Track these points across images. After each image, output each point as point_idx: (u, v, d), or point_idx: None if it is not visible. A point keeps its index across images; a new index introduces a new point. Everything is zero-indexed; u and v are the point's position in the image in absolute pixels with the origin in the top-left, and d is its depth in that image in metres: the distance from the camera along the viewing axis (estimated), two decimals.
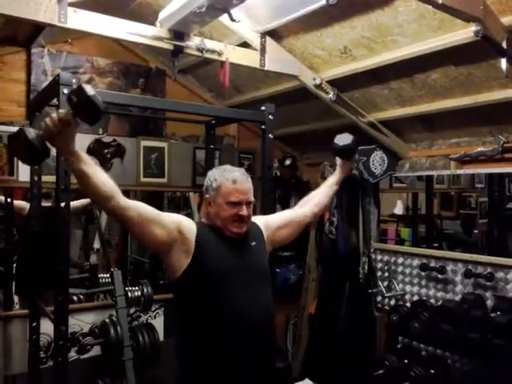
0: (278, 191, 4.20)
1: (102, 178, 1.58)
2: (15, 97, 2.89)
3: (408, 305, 3.01)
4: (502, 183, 3.64)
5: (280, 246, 2.17)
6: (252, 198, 1.82)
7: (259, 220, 2.00)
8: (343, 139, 2.43)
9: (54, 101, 2.06)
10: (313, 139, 3.82)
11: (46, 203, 2.93)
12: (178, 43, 2.24)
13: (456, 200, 4.97)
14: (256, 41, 2.56)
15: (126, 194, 4.27)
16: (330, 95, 2.83)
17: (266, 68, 2.59)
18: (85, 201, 3.60)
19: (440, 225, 4.73)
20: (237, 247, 1.80)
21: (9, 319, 2.84)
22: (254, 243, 1.86)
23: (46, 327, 2.59)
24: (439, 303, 2.84)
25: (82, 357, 3.00)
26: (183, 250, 1.71)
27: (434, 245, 3.76)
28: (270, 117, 2.42)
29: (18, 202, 3.29)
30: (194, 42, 2.30)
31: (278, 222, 2.06)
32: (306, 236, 3.94)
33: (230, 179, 1.78)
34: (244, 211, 1.76)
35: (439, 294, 2.92)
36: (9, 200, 3.25)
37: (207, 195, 1.83)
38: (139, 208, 1.68)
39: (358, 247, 3.41)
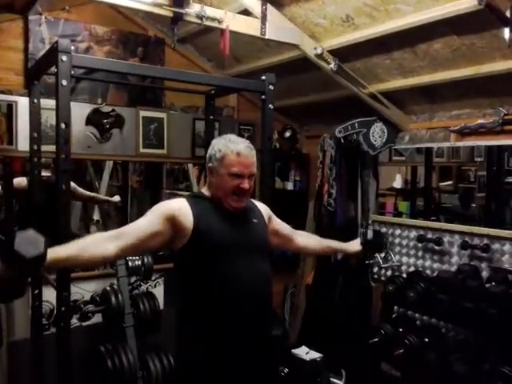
0: (277, 163, 4.20)
1: (86, 253, 1.61)
2: (13, 65, 2.85)
3: (404, 276, 3.05)
4: (501, 157, 3.64)
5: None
6: (255, 171, 1.81)
7: (263, 207, 2.00)
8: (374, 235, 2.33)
9: (53, 69, 2.03)
10: (313, 111, 3.80)
11: (45, 173, 2.92)
12: (177, 10, 2.21)
13: (455, 173, 4.98)
14: (257, 8, 2.52)
15: (126, 164, 4.26)
16: (332, 65, 2.80)
17: (266, 36, 2.56)
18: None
19: (438, 198, 4.75)
20: (237, 221, 1.81)
21: None
22: (255, 220, 1.87)
23: (48, 295, 2.63)
24: (435, 274, 2.88)
25: (84, 324, 3.06)
26: (183, 232, 1.72)
27: (432, 218, 3.78)
28: (270, 87, 2.39)
29: (16, 180, 3.29)
30: (193, 9, 2.27)
31: (276, 230, 2.04)
32: (304, 208, 3.96)
33: (235, 151, 1.74)
34: (245, 184, 1.75)
35: (435, 265, 2.96)
36: (8, 170, 3.26)
37: (210, 164, 1.81)
38: (129, 240, 1.68)
39: (357, 219, 3.44)
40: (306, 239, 2.22)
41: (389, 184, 4.77)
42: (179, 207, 1.75)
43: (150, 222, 1.72)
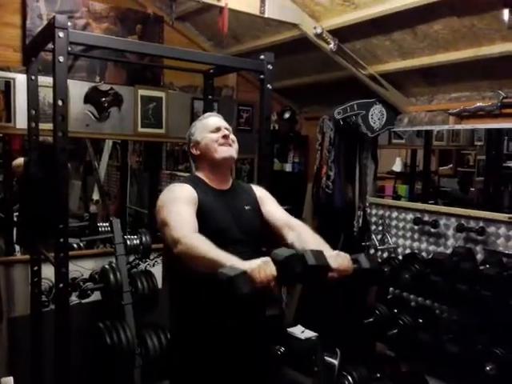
0: (276, 145, 4.20)
1: None
2: (11, 42, 2.82)
3: (400, 257, 3.08)
4: (500, 141, 3.64)
5: None
6: (230, 127, 1.92)
7: (259, 190, 1.99)
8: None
9: (50, 45, 2.01)
10: (312, 92, 3.78)
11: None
12: None
13: (455, 157, 4.98)
14: None
15: (125, 144, 4.26)
16: (331, 45, 2.78)
17: (265, 15, 2.54)
18: None
19: (437, 182, 4.76)
20: (231, 205, 1.82)
21: (10, 264, 2.91)
22: (247, 207, 1.87)
23: (48, 272, 2.66)
24: (430, 256, 2.91)
25: (83, 301, 3.10)
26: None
27: (430, 202, 3.80)
28: (269, 66, 2.38)
29: (15, 161, 3.29)
30: None
31: (268, 216, 1.91)
32: (303, 190, 3.97)
33: (207, 117, 1.95)
34: (226, 132, 1.86)
35: (431, 248, 2.98)
36: (7, 148, 3.27)
37: (191, 144, 1.91)
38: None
39: (354, 201, 3.46)
40: (296, 239, 1.81)
41: (389, 167, 4.78)
42: (188, 188, 1.77)
43: (190, 207, 1.70)
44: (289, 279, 1.45)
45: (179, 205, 1.68)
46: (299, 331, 2.98)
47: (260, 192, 1.98)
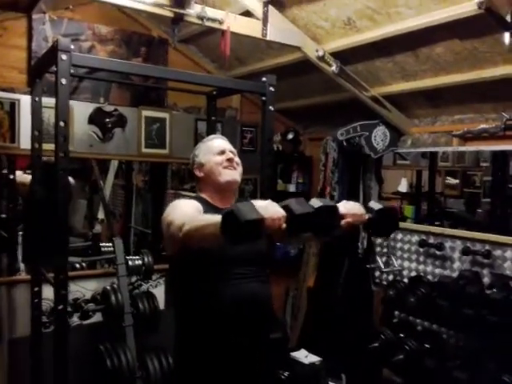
0: (279, 165, 4.19)
1: None
2: (16, 63, 2.87)
3: (405, 280, 3.03)
4: (506, 162, 3.60)
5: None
6: (234, 150, 1.91)
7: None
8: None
9: (54, 67, 2.04)
10: (316, 113, 3.79)
11: None
12: (178, 10, 2.21)
13: (460, 178, 4.94)
14: (258, 10, 2.52)
15: (130, 164, 4.27)
16: (333, 68, 2.79)
17: (267, 38, 2.56)
18: None
19: (443, 203, 4.71)
20: None
21: (12, 284, 2.90)
22: None
23: (49, 293, 2.63)
24: (436, 279, 2.86)
25: (85, 322, 3.07)
26: None
27: (436, 223, 3.76)
28: (271, 88, 2.39)
29: (20, 176, 3.31)
30: (194, 10, 2.27)
31: None
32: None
33: (211, 140, 1.94)
34: (230, 155, 1.85)
35: (437, 271, 2.94)
36: (11, 168, 3.28)
37: (195, 166, 1.90)
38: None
39: None
40: None
41: (394, 188, 4.75)
42: (197, 203, 1.76)
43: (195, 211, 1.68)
44: (298, 226, 1.38)
45: (184, 208, 1.68)
46: (303, 355, 2.93)
47: None
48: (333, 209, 1.43)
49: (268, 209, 1.34)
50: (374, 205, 1.60)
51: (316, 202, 1.39)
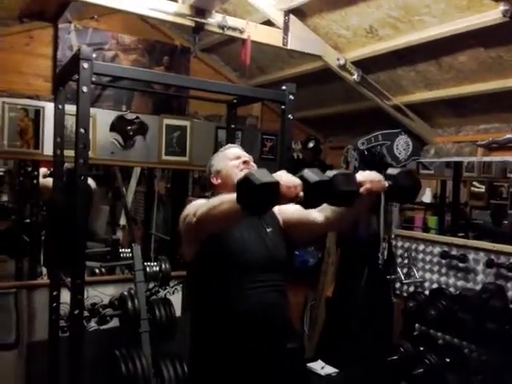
0: None
1: None
2: (42, 72, 2.93)
3: (426, 292, 2.97)
4: None
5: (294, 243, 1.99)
6: (249, 156, 1.93)
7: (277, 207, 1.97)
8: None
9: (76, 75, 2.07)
10: (337, 122, 3.76)
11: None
12: (199, 20, 2.23)
13: (487, 189, 4.83)
14: (279, 19, 2.52)
15: (151, 171, 4.33)
16: (355, 76, 2.77)
17: (288, 47, 2.55)
18: None
19: (469, 214, 4.61)
20: (252, 231, 1.79)
21: (33, 288, 2.94)
22: (269, 229, 1.84)
23: (68, 297, 2.66)
24: (458, 292, 2.79)
25: (102, 327, 3.09)
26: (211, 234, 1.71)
27: (460, 234, 3.68)
28: (291, 97, 2.38)
29: (43, 180, 3.38)
30: (215, 19, 2.29)
31: (289, 216, 1.89)
32: (316, 239, 3.90)
33: (225, 149, 1.97)
34: (246, 158, 1.87)
35: (459, 283, 2.87)
36: (35, 173, 3.36)
37: (211, 175, 1.91)
38: None
39: (379, 232, 3.37)
40: (324, 209, 1.76)
41: (418, 198, 4.67)
42: None
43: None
44: (315, 195, 1.34)
45: (200, 202, 1.68)
46: (319, 367, 2.90)
47: (277, 207, 1.92)
48: (349, 175, 1.41)
49: (282, 177, 1.31)
50: (392, 171, 1.55)
51: (331, 172, 1.38)
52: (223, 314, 1.71)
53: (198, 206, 1.62)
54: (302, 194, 1.30)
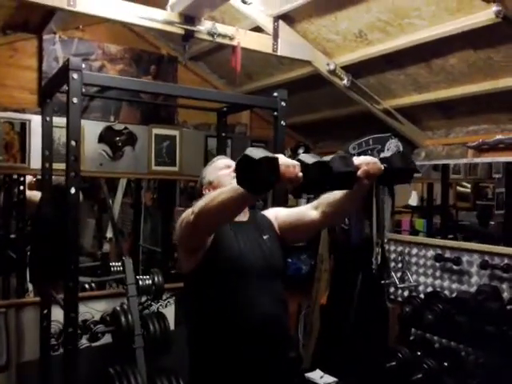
0: None
1: None
2: (27, 84, 2.87)
3: (422, 296, 2.96)
4: None
5: (286, 244, 1.96)
6: None
7: (269, 212, 1.97)
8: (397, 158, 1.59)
9: (65, 87, 2.03)
10: (327, 127, 3.76)
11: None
12: (188, 27, 2.21)
13: (472, 191, 4.87)
14: (269, 25, 2.51)
15: (139, 182, 4.26)
16: (344, 81, 2.77)
17: (278, 53, 2.54)
18: None
19: (455, 216, 4.64)
20: (249, 240, 1.77)
21: (21, 306, 2.86)
22: (266, 236, 1.82)
23: (58, 314, 2.59)
24: (454, 295, 2.79)
25: (94, 344, 3.01)
26: (207, 242, 1.68)
27: (449, 236, 3.70)
28: (283, 103, 2.37)
29: (30, 192, 3.30)
30: (204, 27, 2.27)
31: (284, 219, 1.89)
32: (313, 236, 3.88)
33: (214, 162, 1.94)
34: None
35: (454, 286, 2.86)
36: (21, 188, 3.27)
37: (203, 187, 1.89)
38: None
39: (372, 237, 3.36)
40: (319, 205, 1.76)
41: (403, 201, 4.69)
42: None
43: None
44: (314, 176, 1.32)
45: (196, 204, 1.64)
46: (318, 376, 2.86)
47: (271, 213, 1.94)
48: (346, 157, 1.42)
49: (281, 157, 1.31)
50: (385, 154, 1.58)
51: (328, 156, 1.38)
52: (222, 323, 1.67)
53: (193, 207, 1.58)
54: (300, 174, 1.30)
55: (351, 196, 1.64)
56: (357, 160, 1.49)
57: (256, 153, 1.23)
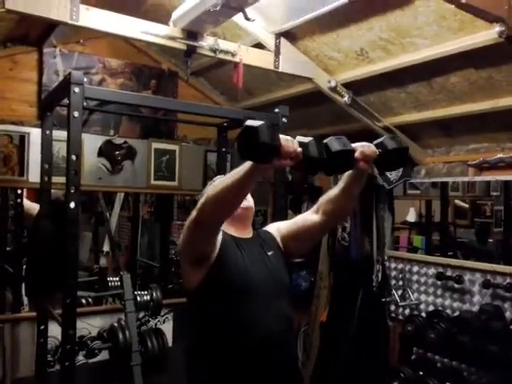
0: (289, 196, 4.14)
1: None
2: (27, 97, 2.87)
3: (423, 315, 2.93)
4: None
5: (291, 258, 1.97)
6: None
7: (271, 227, 1.96)
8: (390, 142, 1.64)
9: (65, 100, 2.02)
10: None
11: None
12: (190, 43, 2.21)
13: (470, 208, 4.87)
14: (270, 42, 2.52)
15: (137, 195, 4.24)
16: (345, 98, 2.77)
17: (280, 70, 2.55)
18: None
19: (454, 233, 4.63)
20: (254, 257, 1.75)
21: (17, 321, 2.82)
22: (270, 253, 1.80)
23: (54, 330, 2.55)
24: (456, 314, 2.76)
25: (90, 361, 2.97)
26: (213, 254, 1.65)
27: (449, 253, 3.68)
28: (284, 119, 2.37)
29: (28, 204, 3.28)
30: (207, 42, 2.27)
31: (287, 230, 1.89)
32: (317, 242, 3.87)
33: (215, 180, 1.83)
34: None
35: (456, 305, 2.83)
36: (18, 201, 3.25)
37: None
38: None
39: (372, 254, 3.34)
40: (319, 206, 1.80)
41: (402, 217, 4.68)
42: None
43: None
44: (313, 152, 1.37)
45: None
46: None
47: (272, 227, 1.93)
48: (343, 138, 1.48)
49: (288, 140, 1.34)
50: (378, 140, 1.64)
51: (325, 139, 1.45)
52: (225, 340, 1.64)
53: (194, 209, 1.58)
54: (300, 149, 1.33)
55: (349, 189, 1.70)
56: (352, 144, 1.54)
57: (256, 123, 1.27)
